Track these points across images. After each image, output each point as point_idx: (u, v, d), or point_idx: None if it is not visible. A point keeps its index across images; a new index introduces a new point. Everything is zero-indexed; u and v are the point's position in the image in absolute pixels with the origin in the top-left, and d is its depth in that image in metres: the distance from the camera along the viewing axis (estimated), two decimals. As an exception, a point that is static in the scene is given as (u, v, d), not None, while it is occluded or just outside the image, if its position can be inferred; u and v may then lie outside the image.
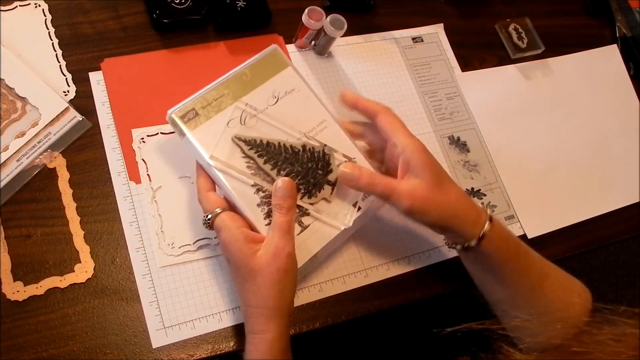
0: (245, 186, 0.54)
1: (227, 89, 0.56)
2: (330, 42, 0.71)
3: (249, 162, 0.55)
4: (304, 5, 0.68)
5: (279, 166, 0.56)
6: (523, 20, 0.84)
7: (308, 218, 0.56)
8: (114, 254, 0.57)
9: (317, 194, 0.57)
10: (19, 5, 0.66)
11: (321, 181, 0.57)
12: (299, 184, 0.56)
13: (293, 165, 0.56)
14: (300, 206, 0.55)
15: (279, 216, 0.52)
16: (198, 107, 0.55)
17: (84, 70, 0.64)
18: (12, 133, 0.59)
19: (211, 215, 0.53)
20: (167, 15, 0.67)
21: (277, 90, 0.58)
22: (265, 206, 0.54)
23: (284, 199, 0.53)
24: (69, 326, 0.54)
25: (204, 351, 0.56)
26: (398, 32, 0.78)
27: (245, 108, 0.56)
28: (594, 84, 0.84)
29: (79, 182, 0.59)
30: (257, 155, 0.55)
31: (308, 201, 0.56)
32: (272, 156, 0.56)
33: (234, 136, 0.55)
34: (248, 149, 0.55)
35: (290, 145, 0.56)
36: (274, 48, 0.59)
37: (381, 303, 0.62)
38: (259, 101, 0.57)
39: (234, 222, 0.52)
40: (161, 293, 0.57)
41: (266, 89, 0.58)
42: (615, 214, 0.75)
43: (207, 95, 0.56)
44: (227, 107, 0.56)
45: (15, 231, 0.56)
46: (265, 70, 0.58)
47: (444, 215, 0.54)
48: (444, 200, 0.54)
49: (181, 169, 0.62)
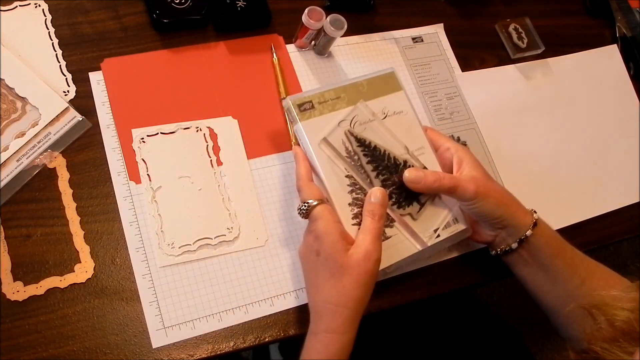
0: (341, 183, 0.57)
1: (344, 93, 0.61)
2: (330, 42, 0.71)
3: (353, 158, 0.59)
4: (304, 5, 0.68)
5: (379, 170, 0.59)
6: (523, 20, 0.84)
7: (391, 230, 0.58)
8: (114, 254, 0.57)
9: (405, 207, 0.59)
10: (19, 5, 0.66)
11: (412, 197, 0.60)
12: (392, 193, 0.59)
13: (391, 175, 0.59)
14: (388, 215, 0.58)
15: (371, 222, 0.55)
16: (315, 101, 0.59)
17: (84, 70, 0.64)
18: (12, 133, 0.59)
19: (309, 204, 0.55)
20: (167, 15, 0.67)
21: (388, 108, 0.62)
22: (355, 207, 0.57)
23: (378, 206, 0.55)
24: (69, 326, 0.54)
25: (204, 351, 0.56)
26: (398, 32, 0.78)
27: (358, 113, 0.60)
28: (594, 84, 0.84)
29: (79, 182, 0.59)
30: (363, 154, 0.59)
31: (397, 211, 0.59)
32: (376, 159, 0.59)
33: (347, 130, 0.59)
34: (356, 145, 0.59)
35: (394, 156, 0.60)
36: (392, 70, 0.64)
37: (381, 303, 0.62)
38: (370, 112, 0.61)
39: (332, 215, 0.55)
40: (161, 293, 0.57)
41: (378, 104, 0.62)
42: (615, 214, 0.74)
43: (326, 93, 0.60)
44: (341, 108, 0.60)
45: (15, 231, 0.56)
46: (381, 88, 0.63)
47: (502, 203, 0.59)
48: (498, 189, 0.59)
49: (181, 168, 0.62)
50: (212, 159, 0.63)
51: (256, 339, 0.58)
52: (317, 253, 0.53)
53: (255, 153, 0.65)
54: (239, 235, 0.61)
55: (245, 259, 0.60)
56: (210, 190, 0.62)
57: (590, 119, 0.81)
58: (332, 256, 0.52)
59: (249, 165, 0.65)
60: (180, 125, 0.64)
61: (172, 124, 0.64)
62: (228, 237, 0.60)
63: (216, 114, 0.66)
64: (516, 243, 0.59)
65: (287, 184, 0.65)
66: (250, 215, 0.62)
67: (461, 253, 0.67)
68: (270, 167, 0.65)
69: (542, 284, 0.61)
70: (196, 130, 0.64)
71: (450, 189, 0.58)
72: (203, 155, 0.63)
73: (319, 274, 0.53)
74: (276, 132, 0.67)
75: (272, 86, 0.70)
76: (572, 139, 0.79)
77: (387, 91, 0.63)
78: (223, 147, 0.64)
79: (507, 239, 0.60)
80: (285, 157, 0.66)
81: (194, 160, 0.63)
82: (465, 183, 0.58)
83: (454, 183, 0.58)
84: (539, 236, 0.59)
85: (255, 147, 0.66)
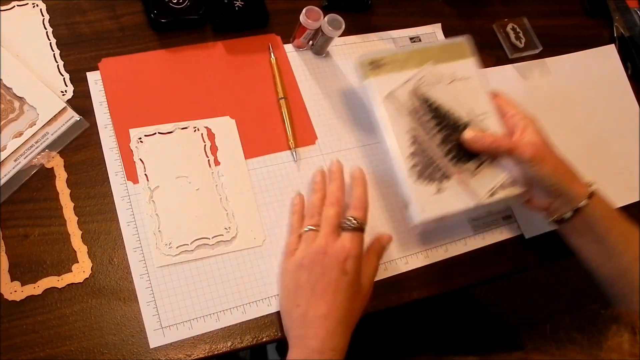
0: (403, 137, 0.61)
1: (414, 55, 0.65)
2: (328, 42, 0.71)
3: (417, 115, 0.62)
4: (302, 5, 0.68)
5: (440, 127, 0.62)
6: (521, 20, 0.84)
7: (447, 183, 0.62)
8: (111, 253, 0.57)
9: (463, 164, 0.62)
10: (16, 5, 0.66)
11: (470, 156, 0.63)
12: (451, 150, 0.62)
13: (452, 133, 0.63)
14: (445, 168, 0.62)
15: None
16: (386, 60, 0.64)
17: (82, 70, 0.64)
18: (9, 133, 0.59)
19: (360, 223, 0.58)
20: (165, 15, 0.67)
21: (456, 73, 0.65)
22: (413, 159, 0.61)
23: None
24: (67, 326, 0.54)
25: (202, 351, 0.56)
26: (396, 32, 0.78)
27: (426, 74, 0.64)
28: (592, 83, 0.84)
29: (76, 182, 0.59)
30: (426, 111, 0.63)
31: (455, 167, 0.62)
32: (438, 117, 0.63)
33: (413, 88, 0.63)
34: (421, 102, 0.63)
35: (456, 116, 0.63)
36: (465, 38, 0.67)
37: (377, 303, 0.62)
38: (437, 74, 0.64)
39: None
40: (158, 293, 0.57)
41: (447, 68, 0.65)
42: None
43: (397, 55, 0.64)
44: (410, 69, 0.64)
45: (12, 231, 0.56)
46: (451, 54, 0.66)
47: (559, 170, 0.61)
48: (557, 158, 0.61)
49: (179, 168, 0.62)
50: (210, 158, 0.63)
51: (254, 339, 0.57)
52: (345, 273, 0.55)
53: (253, 153, 0.65)
54: (237, 235, 0.61)
55: (242, 259, 0.60)
56: (207, 190, 0.62)
57: (588, 119, 0.81)
58: (357, 281, 0.56)
59: (247, 165, 0.65)
60: (178, 125, 0.64)
61: (169, 124, 0.64)
62: (225, 237, 0.60)
63: (214, 114, 0.66)
64: (570, 212, 0.60)
65: (284, 183, 0.65)
66: (248, 215, 0.62)
67: (459, 253, 0.67)
68: (268, 167, 0.65)
69: (596, 257, 0.61)
70: (194, 130, 0.64)
71: (508, 150, 0.60)
72: (201, 155, 0.63)
73: (342, 293, 0.54)
74: (274, 132, 0.67)
75: (270, 86, 0.70)
76: (570, 139, 0.78)
77: (457, 57, 0.66)
78: (221, 147, 0.64)
79: (561, 207, 0.61)
80: (282, 157, 0.66)
81: (191, 160, 0.63)
82: (523, 146, 0.60)
83: (511, 145, 0.60)
84: (594, 208, 0.60)
85: (253, 147, 0.66)
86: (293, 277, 0.56)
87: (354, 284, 0.55)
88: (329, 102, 0.71)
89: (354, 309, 0.55)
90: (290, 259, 0.57)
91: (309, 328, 0.53)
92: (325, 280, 0.54)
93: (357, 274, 0.56)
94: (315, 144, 0.68)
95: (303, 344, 0.53)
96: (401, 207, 0.66)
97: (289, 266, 0.57)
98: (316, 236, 0.57)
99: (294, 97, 0.70)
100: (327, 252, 0.55)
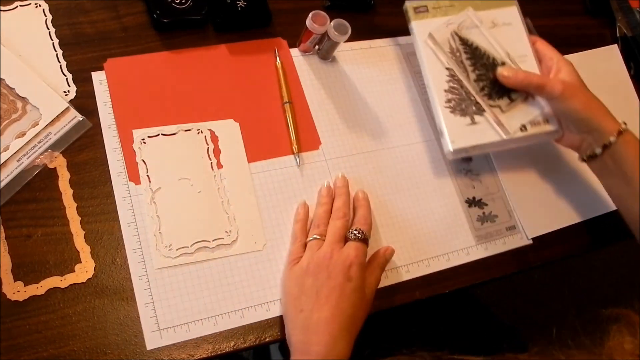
0: (441, 73, 0.67)
1: (458, 2, 0.70)
2: (334, 47, 0.71)
3: (455, 54, 0.67)
4: (305, 5, 0.68)
5: (476, 65, 0.67)
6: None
7: (479, 117, 0.66)
8: (114, 254, 0.57)
9: (496, 100, 0.67)
10: (19, 5, 0.66)
11: (504, 92, 0.67)
12: (485, 86, 0.67)
13: (487, 71, 0.67)
14: (479, 103, 0.66)
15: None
16: (430, 6, 0.69)
17: (84, 70, 0.64)
18: (12, 133, 0.59)
19: (365, 234, 0.59)
20: (168, 15, 0.67)
21: (498, 19, 0.70)
22: (449, 94, 0.66)
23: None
24: (70, 326, 0.54)
25: (205, 351, 0.56)
26: (402, 38, 0.78)
27: (466, 18, 0.69)
28: (595, 84, 0.83)
29: (79, 182, 0.59)
30: (464, 51, 0.68)
31: (487, 102, 0.66)
32: (475, 57, 0.68)
33: (453, 31, 0.68)
34: (459, 43, 0.68)
35: (493, 57, 0.68)
36: None
37: (380, 303, 0.62)
38: (477, 19, 0.69)
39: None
40: (157, 295, 0.57)
41: (489, 15, 0.70)
42: (615, 214, 0.74)
43: (441, 1, 0.70)
44: (452, 14, 0.69)
45: (15, 231, 0.56)
46: (493, 2, 0.71)
47: (589, 106, 0.63)
48: (588, 94, 0.64)
49: (181, 170, 0.62)
50: (213, 161, 0.63)
51: (257, 339, 0.58)
52: (349, 279, 0.55)
53: (256, 157, 0.65)
54: (237, 238, 0.61)
55: (242, 262, 0.60)
56: (209, 192, 0.62)
57: (590, 120, 0.81)
58: (361, 288, 0.56)
59: (250, 168, 0.64)
60: (181, 127, 0.64)
61: (173, 126, 0.64)
62: (226, 241, 0.60)
63: (218, 117, 0.66)
64: (600, 149, 0.62)
65: (287, 188, 0.65)
66: (249, 219, 0.62)
67: (461, 263, 0.67)
68: (271, 171, 0.65)
69: (626, 198, 0.63)
70: (197, 132, 0.64)
71: (539, 86, 0.64)
72: (203, 157, 0.63)
73: (346, 299, 0.54)
74: (278, 136, 0.67)
75: (275, 90, 0.69)
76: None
77: (500, 5, 0.71)
78: (224, 150, 0.64)
79: (592, 144, 0.63)
80: (285, 161, 0.66)
81: (194, 163, 0.63)
82: (553, 82, 0.63)
83: (543, 81, 0.64)
84: (624, 145, 0.61)
85: (256, 150, 0.66)
86: (297, 282, 0.56)
87: (358, 291, 0.55)
88: (333, 107, 0.71)
89: (357, 316, 0.55)
90: (295, 266, 0.58)
91: (313, 333, 0.53)
92: (331, 284, 0.55)
93: (362, 281, 0.56)
94: (319, 149, 0.68)
95: (306, 349, 0.53)
96: (402, 214, 0.67)
97: (293, 273, 0.57)
98: (321, 245, 0.58)
99: (299, 102, 0.70)
100: (332, 257, 0.56)
